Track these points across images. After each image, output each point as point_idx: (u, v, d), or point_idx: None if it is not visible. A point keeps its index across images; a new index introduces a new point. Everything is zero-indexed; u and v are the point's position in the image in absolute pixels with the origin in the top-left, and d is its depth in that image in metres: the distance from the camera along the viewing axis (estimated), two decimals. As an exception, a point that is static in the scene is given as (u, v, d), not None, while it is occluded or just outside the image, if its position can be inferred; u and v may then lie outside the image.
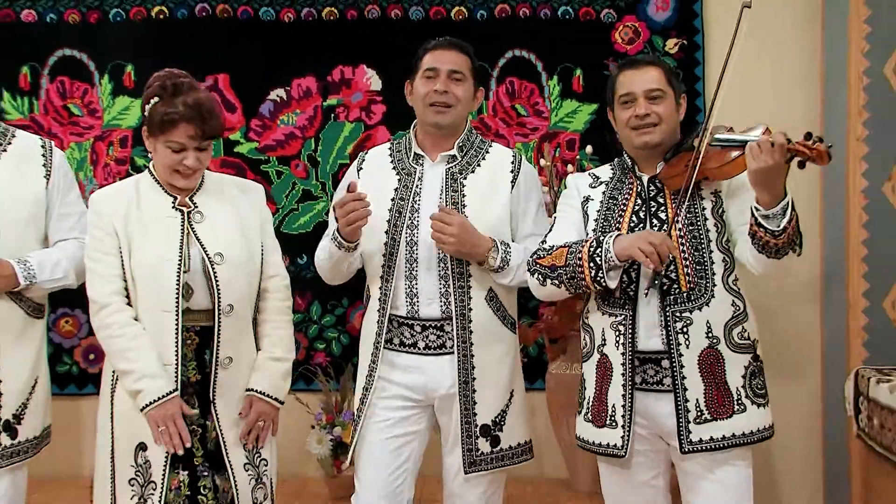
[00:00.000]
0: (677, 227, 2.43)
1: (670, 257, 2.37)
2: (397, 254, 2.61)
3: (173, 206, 2.54)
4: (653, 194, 2.50)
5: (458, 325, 2.59)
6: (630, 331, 2.42)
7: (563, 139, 3.74)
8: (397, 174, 2.68)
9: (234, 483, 2.50)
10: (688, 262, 2.42)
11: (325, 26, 3.75)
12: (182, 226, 2.53)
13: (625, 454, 2.43)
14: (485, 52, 3.64)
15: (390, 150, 2.77)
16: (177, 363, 2.47)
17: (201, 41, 3.73)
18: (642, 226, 2.47)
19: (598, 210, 2.55)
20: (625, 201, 2.52)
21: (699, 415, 2.38)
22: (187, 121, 2.44)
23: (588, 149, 3.62)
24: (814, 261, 3.50)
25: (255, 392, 2.54)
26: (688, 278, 2.41)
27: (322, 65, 3.75)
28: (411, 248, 2.60)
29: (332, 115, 3.75)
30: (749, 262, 2.40)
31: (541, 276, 2.49)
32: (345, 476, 3.31)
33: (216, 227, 2.56)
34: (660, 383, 2.42)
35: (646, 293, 2.42)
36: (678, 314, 2.40)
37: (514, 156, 2.74)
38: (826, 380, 3.54)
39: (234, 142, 3.74)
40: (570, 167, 3.57)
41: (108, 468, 2.49)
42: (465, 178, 2.65)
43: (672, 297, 2.41)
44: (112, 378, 2.51)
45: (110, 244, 2.51)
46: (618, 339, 2.43)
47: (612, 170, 2.63)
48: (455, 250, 2.56)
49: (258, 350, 2.61)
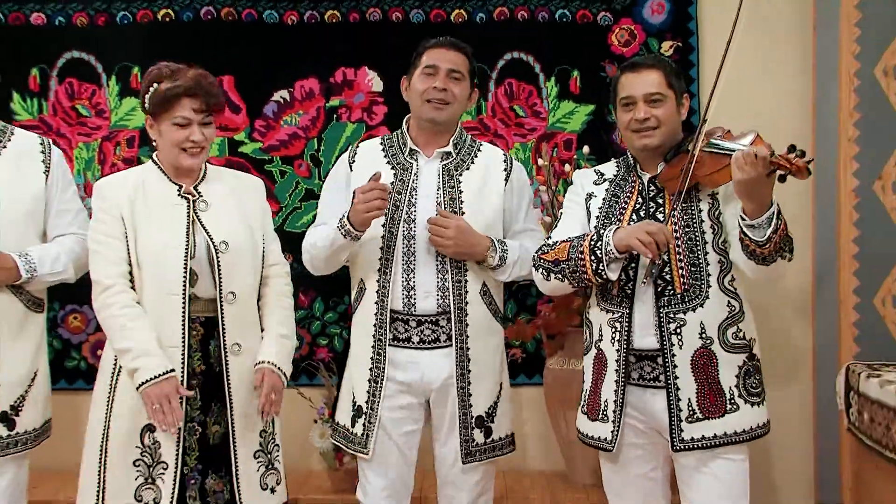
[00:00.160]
0: (672, 229, 2.43)
1: (667, 249, 2.38)
2: (395, 248, 2.61)
3: (179, 194, 2.56)
4: (653, 194, 2.52)
5: (456, 319, 2.61)
6: (626, 328, 2.44)
7: (560, 139, 3.75)
8: (392, 168, 2.69)
9: (237, 475, 2.50)
10: (683, 264, 2.43)
11: (328, 29, 3.76)
12: (188, 213, 2.55)
13: (612, 448, 2.46)
14: (484, 54, 3.66)
15: (382, 144, 2.77)
16: (183, 346, 2.47)
17: (206, 43, 3.72)
18: None
19: (601, 207, 2.56)
20: (626, 200, 2.54)
21: (691, 414, 2.40)
22: (190, 94, 2.47)
23: (585, 149, 3.65)
24: (805, 258, 3.48)
25: (268, 363, 2.53)
26: (682, 280, 2.42)
27: (325, 66, 3.76)
28: (408, 242, 2.61)
29: (335, 116, 3.76)
30: (741, 267, 2.41)
31: (545, 271, 2.52)
32: (347, 469, 3.34)
33: (220, 216, 2.58)
34: (656, 380, 2.44)
35: (644, 282, 2.42)
36: (672, 315, 2.42)
37: (505, 154, 2.78)
38: (818, 375, 3.55)
39: (239, 142, 3.76)
40: (567, 167, 3.59)
41: (98, 453, 2.49)
42: (461, 175, 2.67)
43: (666, 297, 2.43)
44: (114, 365, 2.51)
45: (115, 228, 2.51)
46: (614, 335, 2.46)
47: (616, 167, 2.64)
48: (454, 252, 2.59)
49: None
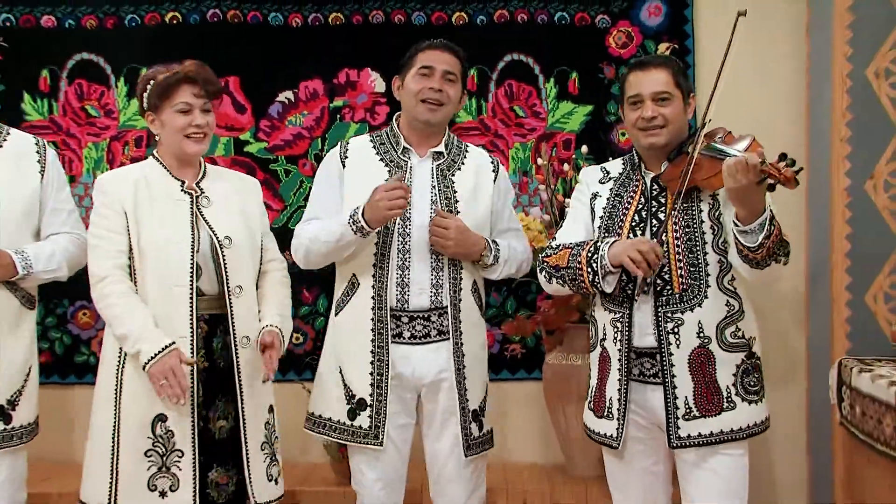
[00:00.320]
0: (672, 230, 2.45)
1: (661, 264, 2.40)
2: (390, 245, 2.63)
3: (181, 190, 2.59)
4: (655, 194, 2.52)
5: (452, 314, 2.64)
6: (626, 328, 2.47)
7: (559, 139, 3.79)
8: (386, 166, 2.70)
9: (248, 468, 2.53)
10: (682, 265, 2.44)
11: (332, 31, 3.79)
12: (191, 208, 2.57)
13: (618, 446, 2.49)
14: (484, 55, 3.73)
15: (372, 141, 2.78)
16: (192, 337, 2.50)
17: (213, 45, 3.75)
18: (643, 225, 2.50)
19: (605, 207, 2.57)
20: (629, 200, 2.55)
21: (688, 411, 2.43)
22: (189, 81, 2.52)
23: (583, 148, 3.68)
24: (799, 257, 3.49)
25: (274, 327, 2.57)
26: (681, 280, 2.44)
27: (328, 68, 3.79)
28: (404, 239, 2.64)
29: (338, 116, 3.79)
30: (737, 269, 2.43)
31: (547, 275, 2.55)
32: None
33: (222, 213, 2.61)
34: (655, 376, 2.47)
35: (636, 299, 2.45)
36: (670, 315, 2.44)
37: (490, 156, 2.82)
38: (811, 370, 3.57)
39: (244, 141, 3.79)
40: (566, 166, 3.61)
41: (110, 445, 2.50)
42: (454, 175, 2.70)
43: (665, 297, 2.44)
44: (119, 357, 2.52)
45: (116, 222, 2.53)
46: (616, 335, 2.49)
47: (622, 165, 2.64)
48: (454, 252, 2.62)
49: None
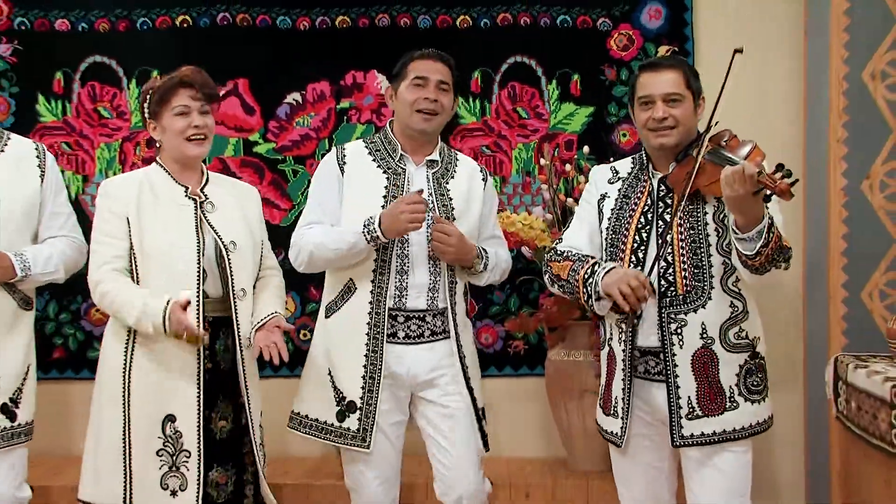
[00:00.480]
0: (677, 231, 2.45)
1: (646, 304, 2.42)
2: (391, 250, 2.66)
3: (185, 195, 2.62)
4: (662, 195, 2.52)
5: (451, 315, 2.69)
6: (630, 329, 2.49)
7: (561, 140, 3.83)
8: (384, 172, 2.72)
9: (255, 467, 2.60)
10: (686, 266, 2.44)
11: (339, 34, 3.83)
12: (195, 213, 2.60)
13: (621, 444, 2.52)
14: (488, 58, 3.78)
15: (367, 148, 2.79)
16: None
17: (222, 48, 3.79)
18: (648, 228, 2.50)
19: (612, 209, 2.57)
20: (636, 201, 2.54)
21: (690, 411, 2.44)
22: (186, 85, 2.57)
23: (585, 149, 3.73)
24: (797, 255, 3.37)
25: (279, 314, 2.63)
26: (685, 281, 2.44)
27: (335, 70, 3.83)
28: (403, 244, 2.67)
29: (345, 118, 3.83)
30: (739, 272, 2.43)
31: (549, 280, 2.59)
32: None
33: (226, 218, 2.65)
34: (659, 374, 2.48)
35: (620, 330, 2.49)
36: (673, 315, 2.45)
37: (479, 165, 2.87)
38: (808, 366, 3.60)
39: (253, 142, 3.84)
40: (568, 166, 3.66)
41: (120, 444, 2.53)
42: (448, 183, 2.75)
43: (669, 298, 2.45)
44: (124, 356, 2.56)
45: (117, 226, 2.56)
46: (621, 335, 2.51)
47: (632, 164, 2.63)
48: (452, 259, 2.67)
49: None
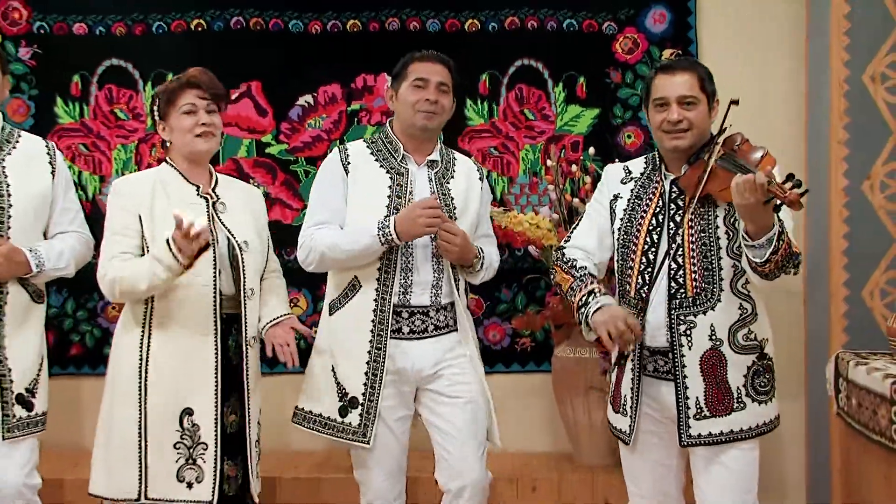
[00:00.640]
0: (688, 234, 2.46)
1: (638, 341, 2.45)
2: (396, 249, 2.69)
3: (197, 194, 2.65)
4: (674, 197, 2.51)
5: (456, 310, 2.76)
6: (615, 367, 2.53)
7: (567, 141, 3.87)
8: (387, 172, 2.75)
9: (250, 462, 2.65)
10: (696, 269, 2.45)
11: (349, 37, 3.88)
12: (208, 212, 2.64)
13: (629, 441, 2.55)
14: (496, 61, 3.83)
15: (369, 148, 2.81)
16: (215, 332, 2.59)
17: (236, 51, 3.84)
18: (660, 230, 2.50)
19: (625, 209, 2.57)
20: (648, 202, 2.55)
21: (699, 411, 2.45)
22: (193, 85, 2.63)
23: (591, 150, 3.76)
24: None
25: (291, 316, 2.70)
26: (694, 284, 2.45)
27: (346, 73, 3.87)
28: (408, 243, 2.69)
29: (356, 119, 3.88)
30: (748, 275, 2.42)
31: (555, 283, 2.62)
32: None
33: (237, 218, 2.70)
34: (668, 373, 2.50)
35: (613, 366, 2.53)
36: (683, 317, 2.45)
37: (476, 164, 2.92)
38: (809, 364, 3.62)
39: (266, 143, 3.89)
40: (574, 167, 3.70)
41: (136, 439, 2.57)
42: (448, 183, 2.79)
43: (678, 300, 2.46)
44: (140, 351, 2.59)
45: (130, 223, 2.59)
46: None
47: (644, 164, 2.63)
48: (455, 258, 2.72)
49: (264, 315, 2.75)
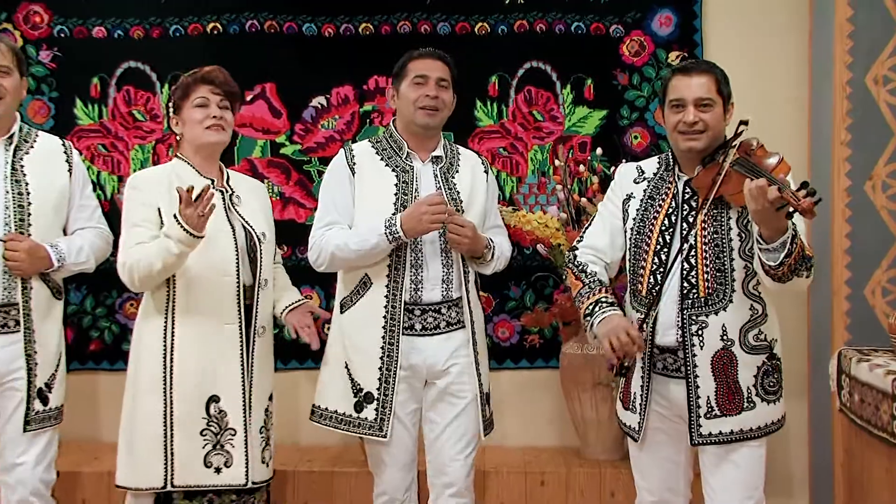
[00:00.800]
0: (700, 235, 2.48)
1: (634, 359, 2.49)
2: (405, 246, 2.72)
3: (212, 188, 2.64)
4: (687, 197, 2.52)
5: (466, 303, 2.79)
6: (651, 327, 2.52)
7: (575, 142, 3.91)
8: (392, 171, 2.78)
9: (249, 443, 2.67)
10: (708, 270, 2.46)
11: (362, 40, 3.93)
12: (224, 204, 2.70)
13: (638, 438, 2.59)
14: (505, 63, 3.89)
15: (374, 147, 2.84)
16: (239, 321, 2.64)
17: (251, 53, 3.89)
18: (672, 230, 2.52)
19: (637, 209, 2.59)
20: (661, 203, 2.56)
21: (709, 410, 2.48)
22: (207, 81, 2.71)
23: (598, 150, 3.80)
24: None
25: (308, 301, 2.79)
26: (706, 284, 2.46)
27: (359, 75, 3.92)
28: (416, 240, 2.72)
29: (368, 120, 3.93)
30: (761, 278, 2.44)
31: (566, 284, 2.68)
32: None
33: (252, 211, 2.76)
34: (678, 371, 2.52)
35: (616, 376, 2.54)
36: (695, 317, 2.48)
37: (480, 157, 2.95)
38: (812, 361, 3.66)
39: (280, 144, 3.93)
40: (581, 167, 3.75)
41: (161, 430, 2.61)
42: (454, 178, 2.83)
43: (690, 300, 2.48)
44: (164, 343, 2.63)
45: (148, 216, 2.63)
46: (641, 334, 2.50)
47: (658, 164, 2.64)
48: (466, 250, 2.76)
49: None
